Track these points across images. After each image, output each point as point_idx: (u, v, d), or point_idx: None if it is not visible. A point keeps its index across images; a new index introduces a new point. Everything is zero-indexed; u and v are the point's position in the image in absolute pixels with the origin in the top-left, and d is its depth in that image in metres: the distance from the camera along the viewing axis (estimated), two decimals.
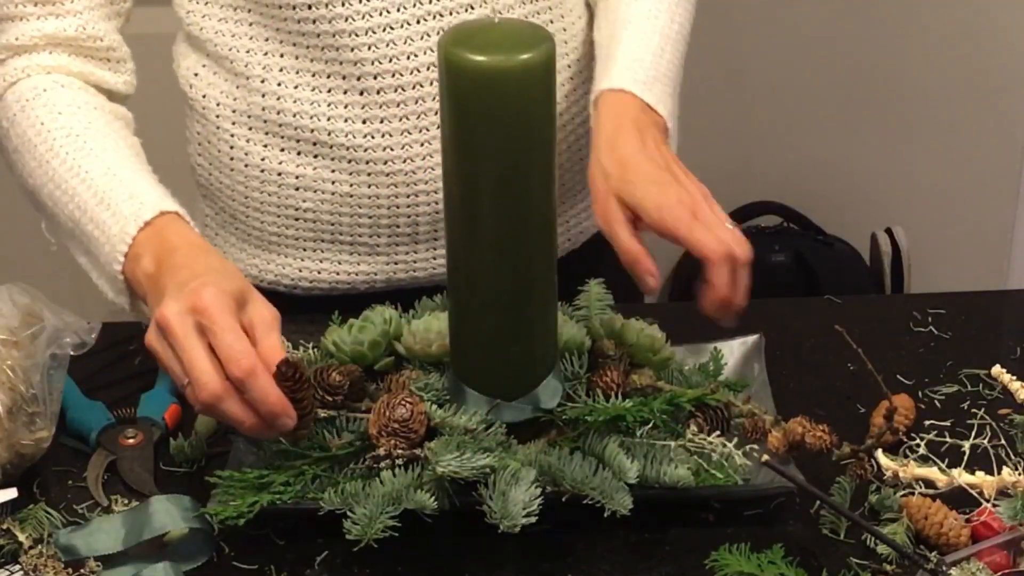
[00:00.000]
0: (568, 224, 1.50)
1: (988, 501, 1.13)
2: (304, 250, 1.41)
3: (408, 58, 1.31)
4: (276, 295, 1.40)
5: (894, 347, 1.36)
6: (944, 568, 1.05)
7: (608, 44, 1.35)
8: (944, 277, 2.68)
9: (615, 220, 1.21)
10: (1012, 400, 1.27)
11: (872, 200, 2.68)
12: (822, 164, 2.65)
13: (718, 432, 1.17)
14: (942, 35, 2.59)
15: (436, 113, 1.32)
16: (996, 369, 1.30)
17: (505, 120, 1.05)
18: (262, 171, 1.38)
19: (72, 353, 1.24)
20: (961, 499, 1.13)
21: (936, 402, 1.29)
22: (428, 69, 1.32)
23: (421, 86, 1.32)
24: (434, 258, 1.40)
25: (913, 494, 1.14)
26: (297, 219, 1.40)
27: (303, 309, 1.39)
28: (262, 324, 1.09)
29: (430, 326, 1.21)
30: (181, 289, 1.08)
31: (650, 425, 1.15)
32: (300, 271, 1.42)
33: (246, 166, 1.38)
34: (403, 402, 1.12)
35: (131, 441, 1.24)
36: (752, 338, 1.30)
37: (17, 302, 1.24)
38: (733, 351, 1.28)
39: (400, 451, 1.10)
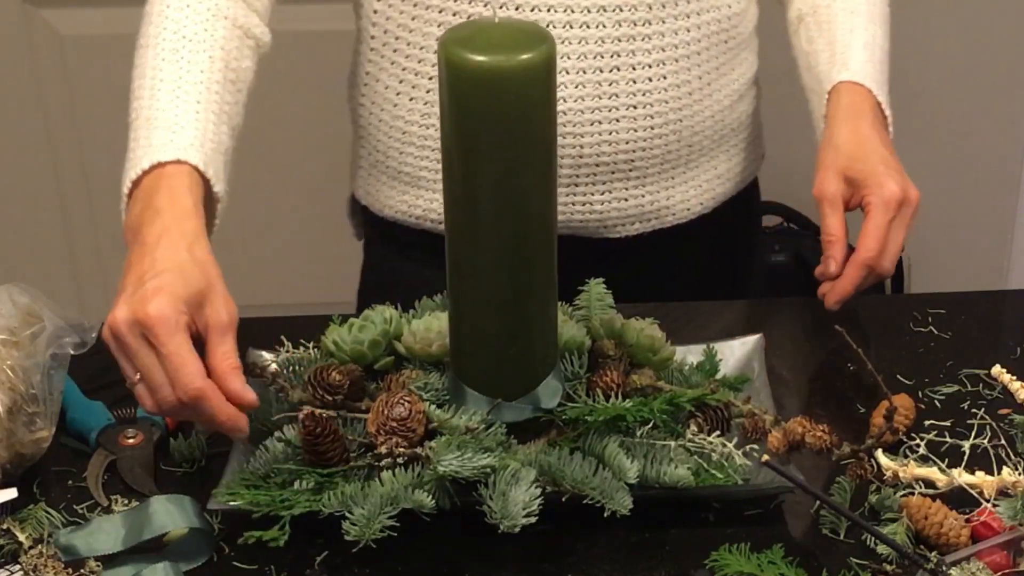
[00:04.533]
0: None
1: (988, 501, 1.13)
2: None
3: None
4: (420, 233, 1.51)
5: (894, 347, 1.36)
6: (944, 568, 1.05)
7: (829, 49, 1.43)
8: (944, 277, 2.68)
9: (832, 198, 1.32)
10: (1012, 400, 1.27)
11: None
12: None
13: (718, 432, 1.17)
14: (942, 35, 2.59)
15: (610, 56, 1.38)
16: (996, 369, 1.30)
17: (505, 120, 1.05)
18: (425, 104, 1.43)
19: (72, 353, 1.24)
20: (961, 499, 1.13)
21: (936, 402, 1.29)
22: (596, 11, 1.36)
23: (588, 27, 1.36)
24: (571, 203, 1.44)
25: (913, 494, 1.14)
26: None
27: (443, 250, 1.43)
28: (217, 329, 1.09)
29: (430, 326, 1.21)
30: (136, 288, 1.08)
31: (650, 425, 1.15)
32: None
33: (411, 100, 1.44)
34: (401, 401, 1.12)
35: (131, 441, 1.24)
36: (752, 338, 1.30)
37: (17, 302, 1.24)
38: (733, 351, 1.28)
39: (402, 449, 1.10)
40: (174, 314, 1.07)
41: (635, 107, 1.40)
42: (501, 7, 1.36)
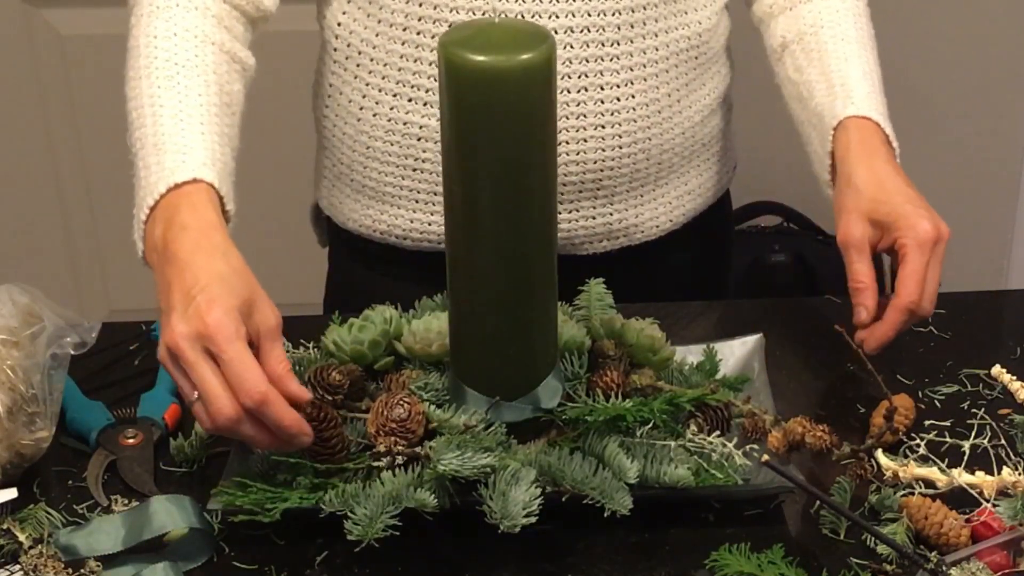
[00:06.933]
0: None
1: (988, 501, 1.13)
2: (417, 202, 1.45)
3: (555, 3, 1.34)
4: (385, 247, 1.49)
5: (894, 347, 1.36)
6: (944, 568, 1.05)
7: (825, 80, 1.39)
8: (944, 277, 2.68)
9: (858, 243, 1.27)
10: (1012, 400, 1.27)
11: None
12: None
13: (718, 432, 1.17)
14: (942, 35, 2.59)
15: (578, 77, 1.37)
16: (996, 369, 1.30)
17: (505, 120, 1.05)
18: (389, 120, 1.42)
19: (72, 353, 1.24)
20: (961, 499, 1.13)
21: (936, 402, 1.29)
22: (563, 32, 1.35)
23: (571, 47, 1.36)
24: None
25: (913, 494, 1.14)
26: (415, 170, 1.43)
27: (410, 262, 1.48)
28: (267, 334, 1.09)
29: (430, 326, 1.21)
30: (187, 304, 1.06)
31: (650, 425, 1.15)
32: (411, 222, 1.46)
33: (374, 115, 1.43)
34: (401, 402, 1.12)
35: (131, 441, 1.24)
36: (752, 338, 1.30)
37: (17, 302, 1.24)
38: (733, 351, 1.28)
39: (401, 448, 1.10)
40: (233, 322, 1.06)
41: (603, 127, 1.39)
42: None
